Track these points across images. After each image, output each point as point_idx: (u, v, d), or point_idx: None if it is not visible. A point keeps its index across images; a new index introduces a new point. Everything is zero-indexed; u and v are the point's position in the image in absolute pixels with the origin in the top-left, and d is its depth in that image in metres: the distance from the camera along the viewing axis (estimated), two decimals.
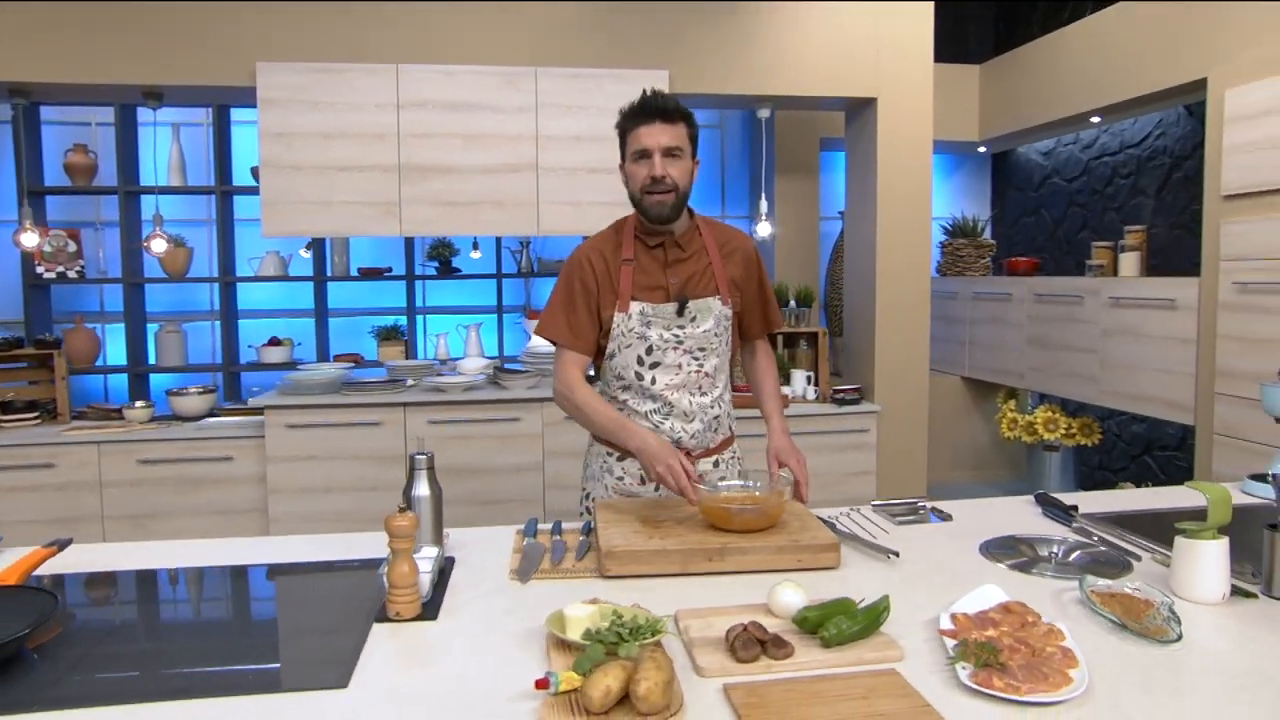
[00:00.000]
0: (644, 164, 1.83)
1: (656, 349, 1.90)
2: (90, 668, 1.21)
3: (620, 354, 1.92)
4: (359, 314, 5.02)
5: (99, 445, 3.55)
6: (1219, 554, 1.41)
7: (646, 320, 1.89)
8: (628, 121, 1.86)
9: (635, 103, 1.85)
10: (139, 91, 3.60)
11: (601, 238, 1.96)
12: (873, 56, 3.91)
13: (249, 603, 1.54)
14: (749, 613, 1.35)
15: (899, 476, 4.15)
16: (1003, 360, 4.87)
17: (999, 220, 5.77)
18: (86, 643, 1.29)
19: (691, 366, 1.92)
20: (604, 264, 1.90)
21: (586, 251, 1.93)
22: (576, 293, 1.90)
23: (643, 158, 1.83)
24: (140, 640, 1.35)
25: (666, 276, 1.90)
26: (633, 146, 1.85)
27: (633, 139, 1.85)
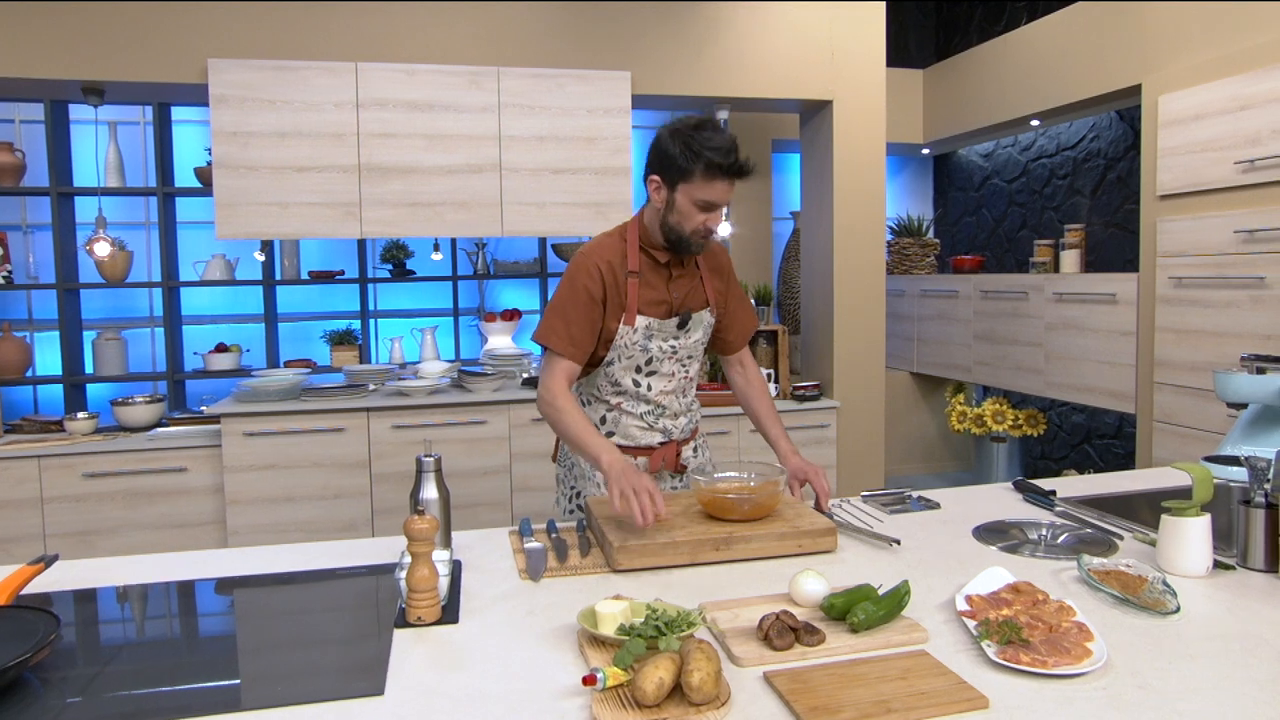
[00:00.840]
0: (707, 214, 1.83)
1: (655, 360, 1.97)
2: (101, 690, 1.15)
3: (619, 363, 1.97)
4: (309, 318, 4.89)
5: (39, 460, 3.37)
6: (1203, 529, 1.50)
7: (650, 334, 1.94)
8: (708, 170, 1.78)
9: (721, 151, 1.77)
10: (79, 87, 3.42)
11: (608, 247, 1.93)
12: (828, 59, 4.00)
13: (260, 615, 1.49)
14: (772, 602, 1.38)
15: (858, 470, 4.26)
16: (951, 355, 5.04)
17: (942, 220, 5.97)
18: (93, 663, 1.24)
19: (681, 373, 2.03)
20: (613, 275, 1.90)
21: (596, 260, 1.90)
22: (582, 303, 1.88)
23: (706, 209, 1.83)
24: (152, 658, 1.29)
25: (670, 292, 1.95)
26: (700, 194, 1.80)
27: (706, 188, 1.79)
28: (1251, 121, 3.14)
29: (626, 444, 2.00)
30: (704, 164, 1.78)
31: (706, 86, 3.92)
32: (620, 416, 2.00)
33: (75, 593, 1.51)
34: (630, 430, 2.01)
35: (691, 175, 1.80)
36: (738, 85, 3.95)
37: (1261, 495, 1.54)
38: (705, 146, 1.78)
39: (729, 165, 1.79)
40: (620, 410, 2.00)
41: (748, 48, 3.94)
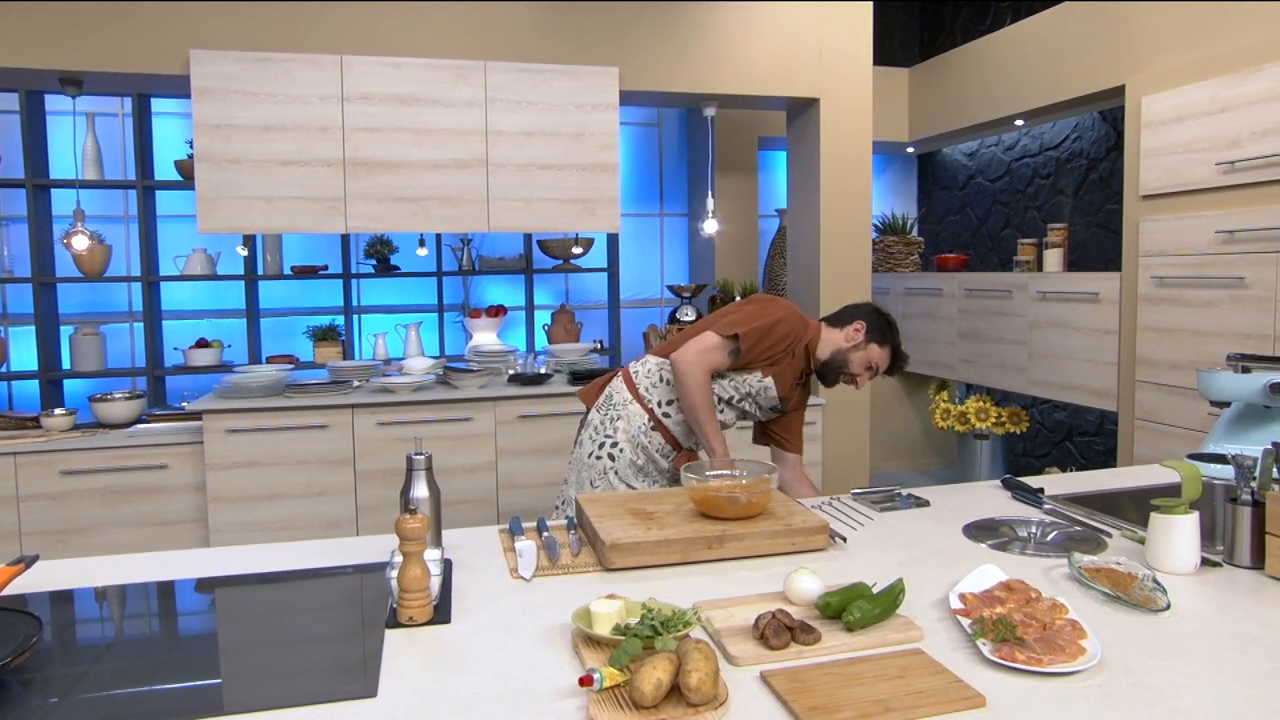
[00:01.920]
0: (866, 374, 2.28)
1: (733, 407, 2.29)
2: (82, 693, 1.13)
3: (727, 383, 2.24)
4: (292, 314, 4.83)
5: (15, 456, 3.31)
6: (1191, 527, 1.51)
7: (759, 391, 2.24)
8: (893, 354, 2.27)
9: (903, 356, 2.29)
10: (56, 77, 3.36)
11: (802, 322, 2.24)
12: (815, 57, 4.01)
13: (245, 616, 1.47)
14: (766, 601, 1.37)
15: (843, 467, 4.27)
16: (935, 353, 5.07)
17: (926, 218, 6.00)
18: (74, 666, 1.21)
19: (733, 422, 2.34)
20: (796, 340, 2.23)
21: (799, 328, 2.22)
22: (779, 334, 2.17)
23: (868, 370, 2.27)
24: (136, 660, 1.26)
25: (792, 386, 2.28)
26: (877, 362, 2.26)
27: (881, 358, 2.26)
28: (1232, 123, 3.17)
29: (667, 433, 2.27)
30: (894, 347, 2.27)
31: (694, 83, 3.92)
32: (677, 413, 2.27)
33: (54, 594, 1.48)
34: (676, 428, 2.28)
35: (884, 345, 2.26)
36: (725, 82, 3.95)
37: (1248, 493, 1.56)
38: (896, 351, 2.28)
39: (902, 362, 2.31)
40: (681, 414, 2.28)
41: (735, 45, 3.94)
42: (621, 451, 2.25)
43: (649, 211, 5.52)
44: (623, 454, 2.25)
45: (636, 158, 5.48)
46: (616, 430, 2.26)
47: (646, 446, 2.26)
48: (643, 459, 2.26)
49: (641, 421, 2.26)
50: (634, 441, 2.25)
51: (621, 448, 2.25)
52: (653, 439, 2.26)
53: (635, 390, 2.29)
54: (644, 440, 2.25)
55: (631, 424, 2.26)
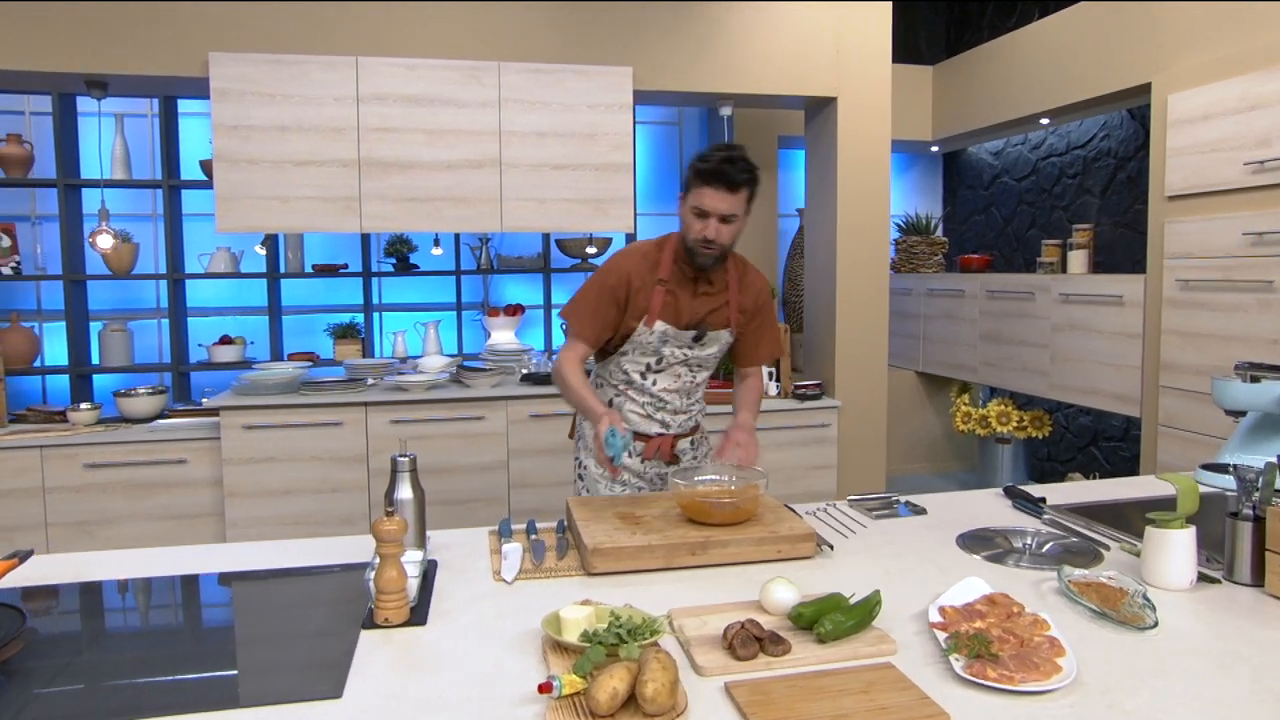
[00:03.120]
0: (701, 221, 1.95)
1: (665, 360, 2.11)
2: (66, 684, 1.15)
3: (631, 355, 2.12)
4: (313, 311, 4.90)
5: (41, 449, 3.41)
6: (1187, 542, 1.47)
7: (664, 339, 2.08)
8: (697, 177, 1.93)
9: (712, 161, 1.89)
10: (82, 80, 3.44)
11: (643, 253, 2.07)
12: (833, 56, 3.96)
13: (229, 612, 1.50)
14: (742, 610, 1.36)
15: (859, 470, 4.22)
16: (956, 355, 4.99)
17: (950, 218, 5.91)
18: (60, 658, 1.24)
19: (688, 376, 2.17)
20: (641, 280, 2.04)
21: (629, 265, 2.04)
22: (607, 300, 2.04)
23: (700, 215, 1.94)
24: (118, 654, 1.29)
25: (693, 305, 2.07)
26: (694, 201, 1.94)
27: (696, 195, 1.93)
28: (1261, 121, 3.07)
29: (627, 427, 2.08)
30: (693, 172, 1.96)
31: (709, 82, 3.89)
32: (624, 402, 2.16)
33: (49, 587, 1.52)
34: (630, 416, 2.15)
35: (688, 186, 1.98)
36: (741, 81, 3.92)
37: (1249, 507, 1.51)
38: (699, 156, 1.96)
39: (709, 170, 1.91)
40: (625, 396, 2.16)
41: (751, 43, 3.91)
42: (586, 469, 2.21)
43: (669, 211, 5.50)
44: (588, 471, 2.20)
45: (657, 156, 5.46)
46: (580, 450, 2.24)
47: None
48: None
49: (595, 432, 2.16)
50: (595, 455, 2.16)
51: (585, 464, 2.21)
52: None
53: None
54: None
55: (588, 439, 2.19)
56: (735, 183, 1.90)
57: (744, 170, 1.91)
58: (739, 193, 1.92)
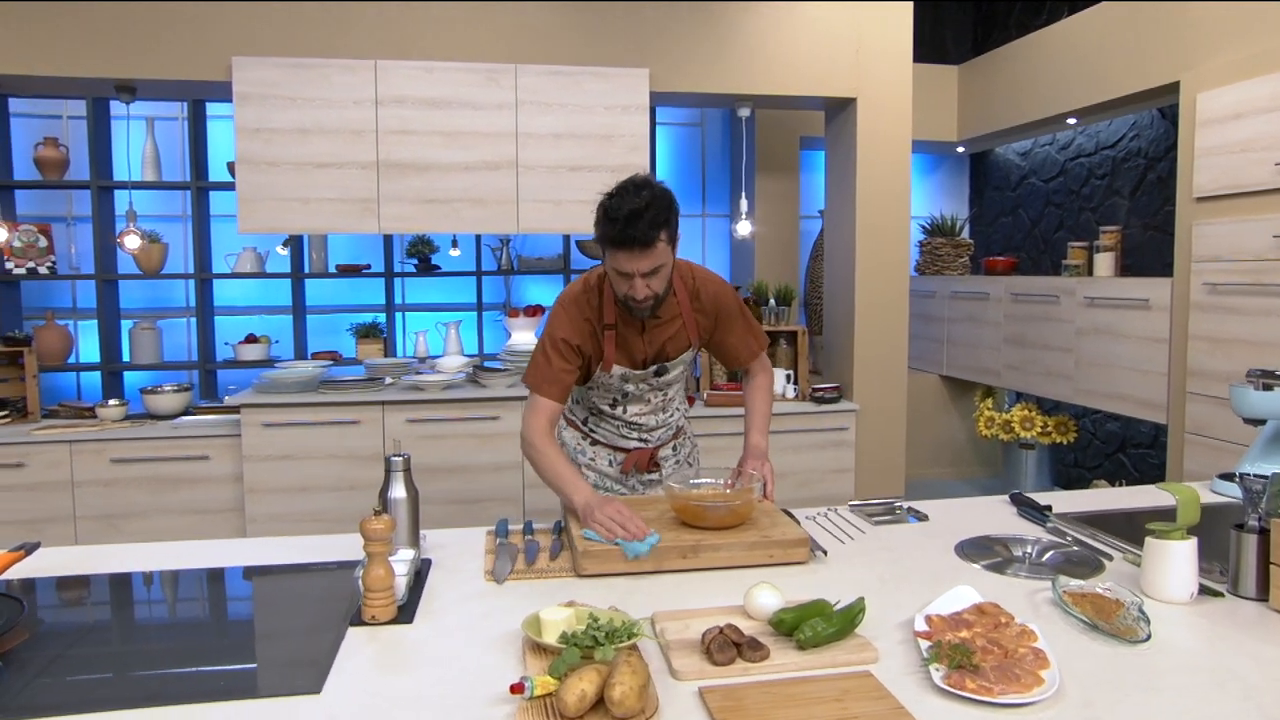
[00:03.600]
0: (624, 280, 1.79)
1: (631, 395, 2.06)
2: (59, 674, 1.19)
3: (597, 390, 2.07)
4: (337, 311, 4.98)
5: (70, 444, 3.50)
6: (1187, 554, 1.43)
7: (625, 379, 2.01)
8: (606, 242, 1.77)
9: (618, 223, 1.72)
10: (112, 85, 3.53)
11: (582, 301, 1.93)
12: (852, 56, 3.92)
13: (223, 606, 1.53)
14: (726, 614, 1.36)
15: (877, 474, 4.18)
16: (980, 359, 4.92)
17: (977, 219, 5.82)
18: (55, 648, 1.27)
19: (658, 399, 2.11)
20: (588, 327, 1.93)
21: (565, 320, 1.92)
22: (564, 354, 1.92)
23: (623, 278, 1.79)
24: (111, 645, 1.32)
25: (644, 342, 1.97)
26: (612, 264, 1.79)
27: (612, 258, 1.78)
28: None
29: (604, 442, 2.13)
30: (601, 233, 1.78)
31: (727, 84, 3.88)
32: (601, 421, 2.12)
33: (57, 579, 1.56)
34: (608, 434, 2.13)
35: (605, 249, 1.80)
36: (759, 82, 3.90)
37: (1255, 519, 1.46)
38: (605, 214, 1.76)
39: (616, 236, 1.73)
40: (600, 419, 2.12)
41: (769, 44, 3.89)
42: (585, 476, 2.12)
43: (691, 212, 5.49)
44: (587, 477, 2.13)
45: (679, 158, 5.46)
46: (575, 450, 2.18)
47: (591, 464, 2.13)
48: (592, 476, 2.12)
49: (576, 442, 2.15)
50: (576, 464, 2.09)
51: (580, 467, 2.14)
52: (597, 453, 2.13)
53: (565, 415, 2.20)
54: (584, 459, 2.13)
55: (569, 448, 2.15)
56: (648, 240, 1.72)
57: (652, 224, 1.72)
58: (655, 246, 1.74)
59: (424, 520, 1.68)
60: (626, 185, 1.78)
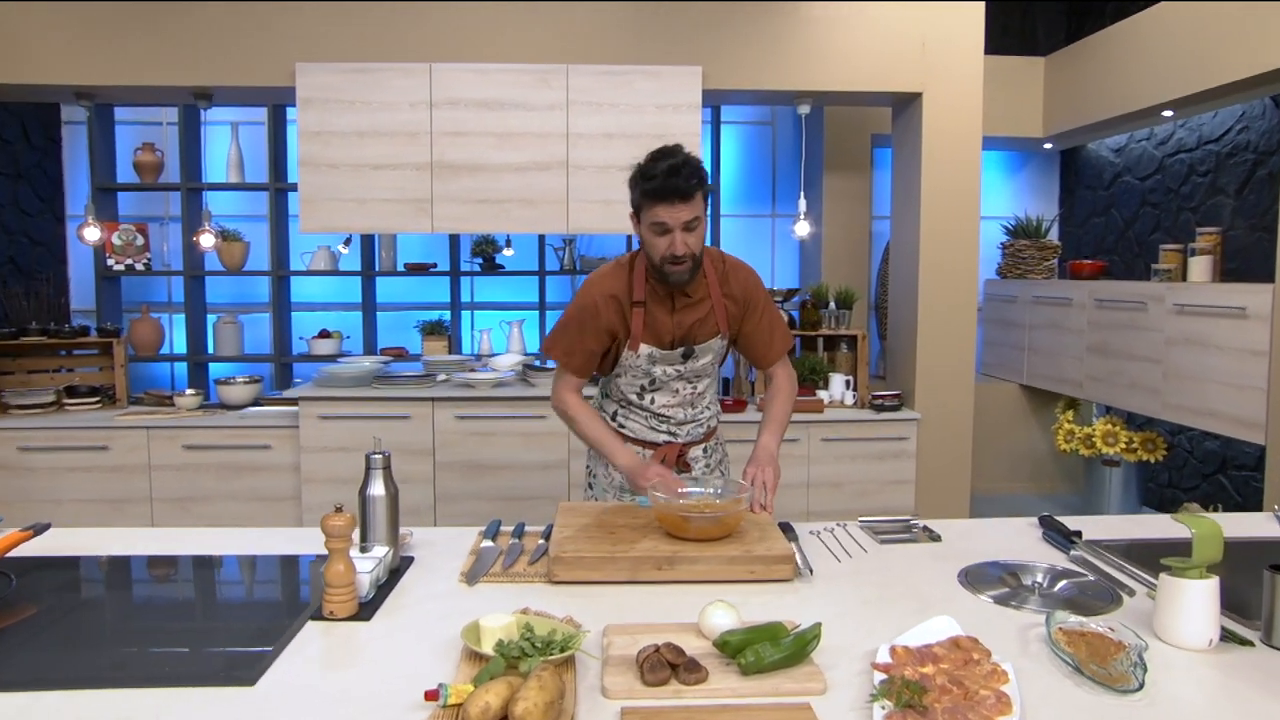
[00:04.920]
0: (664, 238, 1.83)
1: (659, 381, 2.04)
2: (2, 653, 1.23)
3: (625, 377, 2.06)
4: (407, 308, 5.13)
5: (148, 430, 3.73)
6: (1206, 595, 1.27)
7: (653, 360, 2.00)
8: (646, 197, 1.82)
9: (653, 179, 1.79)
10: (190, 93, 3.74)
11: (614, 277, 1.98)
12: (917, 50, 3.74)
13: (197, 593, 1.57)
14: (680, 631, 1.30)
15: (940, 487, 3.98)
16: (1062, 368, 4.61)
17: (1066, 220, 5.47)
18: (7, 624, 1.33)
19: (687, 390, 2.08)
20: (617, 304, 1.95)
21: (600, 293, 1.95)
22: (587, 330, 1.96)
23: (663, 233, 1.83)
24: (65, 625, 1.33)
25: (673, 322, 1.97)
26: (650, 219, 1.83)
27: (650, 213, 1.83)
28: None
29: (634, 438, 2.09)
30: (640, 193, 1.84)
31: (783, 80, 3.77)
32: (630, 413, 2.11)
33: (62, 559, 1.65)
34: (637, 428, 2.11)
35: (640, 204, 1.85)
36: (818, 78, 3.77)
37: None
38: (642, 174, 1.83)
39: (658, 187, 1.78)
40: (629, 412, 2.11)
41: (828, 38, 3.75)
42: (596, 478, 2.19)
43: (760, 212, 5.39)
44: (598, 480, 2.18)
45: (749, 157, 5.36)
46: (591, 458, 2.20)
47: None
48: (619, 477, 2.10)
49: None
50: (604, 463, 2.13)
51: (595, 473, 2.19)
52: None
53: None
54: None
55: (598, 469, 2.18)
56: (688, 191, 1.78)
57: (692, 174, 1.79)
58: (694, 198, 1.80)
59: (469, 516, 1.70)
60: (658, 150, 1.85)
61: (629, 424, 2.10)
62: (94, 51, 3.60)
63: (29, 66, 3.60)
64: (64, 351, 4.12)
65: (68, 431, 3.71)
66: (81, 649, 1.26)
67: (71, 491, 3.71)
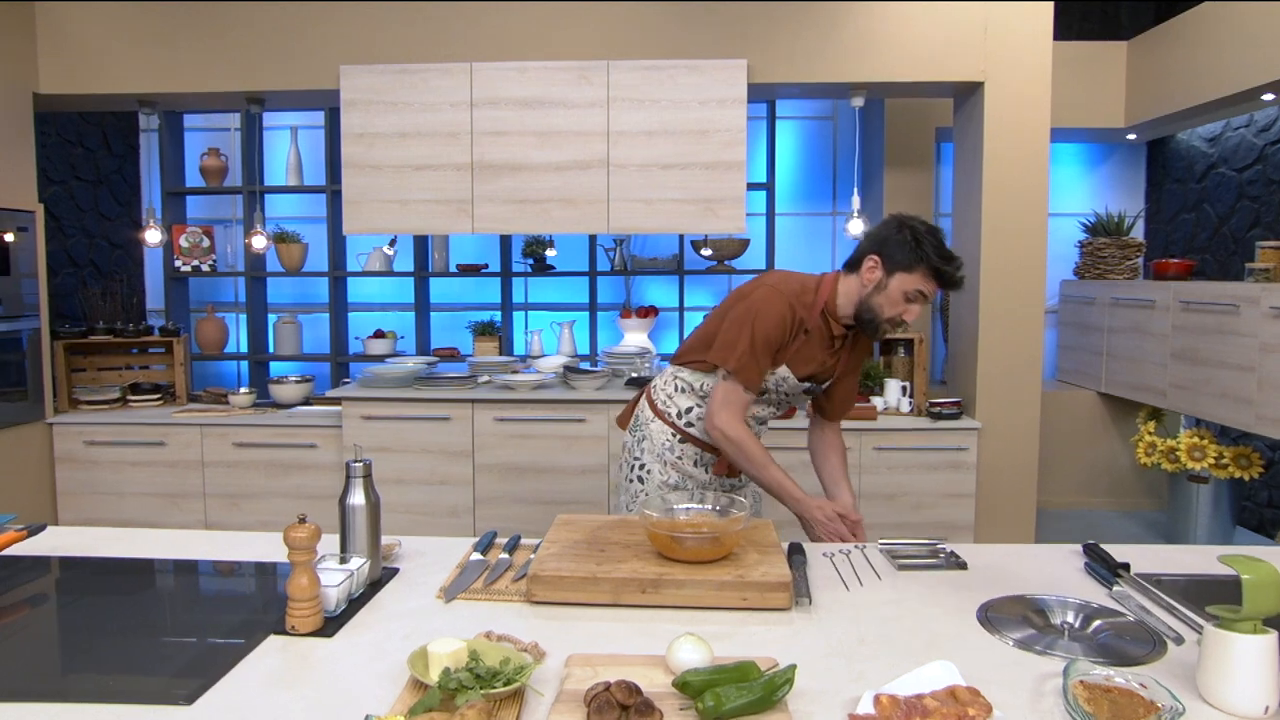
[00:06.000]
0: (911, 307, 1.89)
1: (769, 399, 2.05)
2: None
3: None
4: (461, 309, 5.15)
5: (201, 427, 3.83)
6: (1259, 654, 1.09)
7: (779, 384, 2.00)
8: (930, 270, 1.84)
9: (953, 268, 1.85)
10: (243, 98, 3.83)
11: (801, 296, 1.96)
12: (979, 37, 3.51)
13: (165, 602, 1.55)
14: (649, 665, 1.19)
15: (1002, 501, 3.73)
16: (1144, 375, 4.26)
17: (1153, 217, 5.07)
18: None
19: (764, 412, 2.10)
20: (798, 325, 1.96)
21: (793, 306, 1.94)
22: (774, 342, 1.93)
23: (911, 301, 1.88)
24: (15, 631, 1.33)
25: (820, 359, 1.99)
26: (913, 286, 1.86)
27: (917, 280, 1.86)
28: None
29: (698, 438, 2.08)
30: (929, 266, 1.85)
31: (834, 71, 3.59)
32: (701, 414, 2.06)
33: (61, 559, 1.65)
34: (704, 429, 2.06)
35: (913, 269, 1.86)
36: (871, 69, 3.58)
37: None
38: (936, 250, 1.85)
39: (949, 274, 1.86)
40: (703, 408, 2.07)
41: (881, 26, 3.56)
42: (649, 473, 2.12)
43: (821, 211, 5.20)
44: (651, 476, 2.11)
45: (809, 153, 5.18)
46: (643, 451, 2.14)
47: (678, 463, 2.10)
48: (675, 476, 2.10)
49: (665, 437, 2.10)
50: (662, 459, 2.10)
51: (649, 469, 2.12)
52: (685, 451, 2.09)
53: (655, 406, 2.14)
54: (672, 457, 2.10)
55: (655, 442, 2.11)
56: (959, 286, 1.90)
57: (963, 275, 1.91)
58: None
59: (507, 520, 1.65)
60: (935, 228, 1.89)
61: (696, 428, 2.08)
62: (153, 60, 3.72)
63: (97, 77, 3.74)
64: (136, 349, 4.28)
65: (129, 427, 3.84)
66: (18, 658, 1.24)
67: (132, 485, 3.84)
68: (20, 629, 1.35)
